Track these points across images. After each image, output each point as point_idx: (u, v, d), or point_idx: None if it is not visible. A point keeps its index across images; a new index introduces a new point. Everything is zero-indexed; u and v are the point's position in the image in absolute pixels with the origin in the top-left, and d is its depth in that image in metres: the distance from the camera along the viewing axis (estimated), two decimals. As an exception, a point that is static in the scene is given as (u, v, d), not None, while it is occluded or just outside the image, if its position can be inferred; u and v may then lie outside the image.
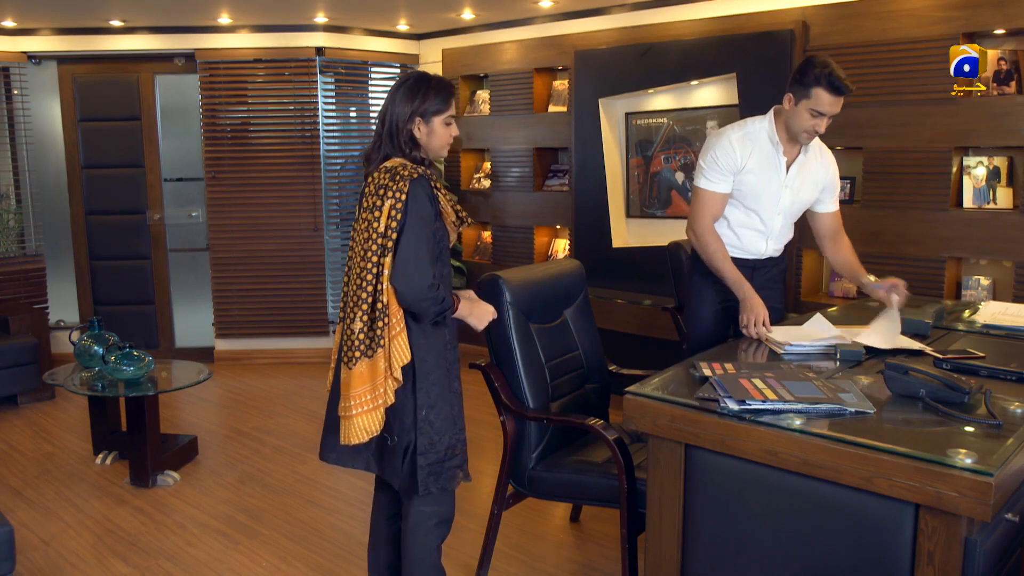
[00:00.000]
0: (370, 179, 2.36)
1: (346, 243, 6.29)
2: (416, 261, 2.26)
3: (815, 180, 3.02)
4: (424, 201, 2.28)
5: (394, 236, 2.26)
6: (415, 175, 2.28)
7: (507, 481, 2.90)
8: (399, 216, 2.25)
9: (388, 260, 2.26)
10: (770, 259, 3.13)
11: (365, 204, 2.34)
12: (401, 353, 2.29)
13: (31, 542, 3.38)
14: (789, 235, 3.15)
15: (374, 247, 2.27)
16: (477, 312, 2.50)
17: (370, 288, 2.27)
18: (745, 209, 3.01)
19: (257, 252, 6.12)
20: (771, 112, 2.95)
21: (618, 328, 4.92)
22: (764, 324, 2.78)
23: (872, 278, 2.96)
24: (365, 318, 2.28)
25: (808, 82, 2.74)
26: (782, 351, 2.57)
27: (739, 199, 3.01)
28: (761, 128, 2.94)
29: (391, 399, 2.31)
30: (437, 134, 2.38)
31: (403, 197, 2.25)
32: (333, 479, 4.02)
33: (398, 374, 2.30)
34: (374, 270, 2.27)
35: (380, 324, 2.27)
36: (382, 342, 2.27)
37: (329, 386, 2.49)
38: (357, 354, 2.27)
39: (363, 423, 2.30)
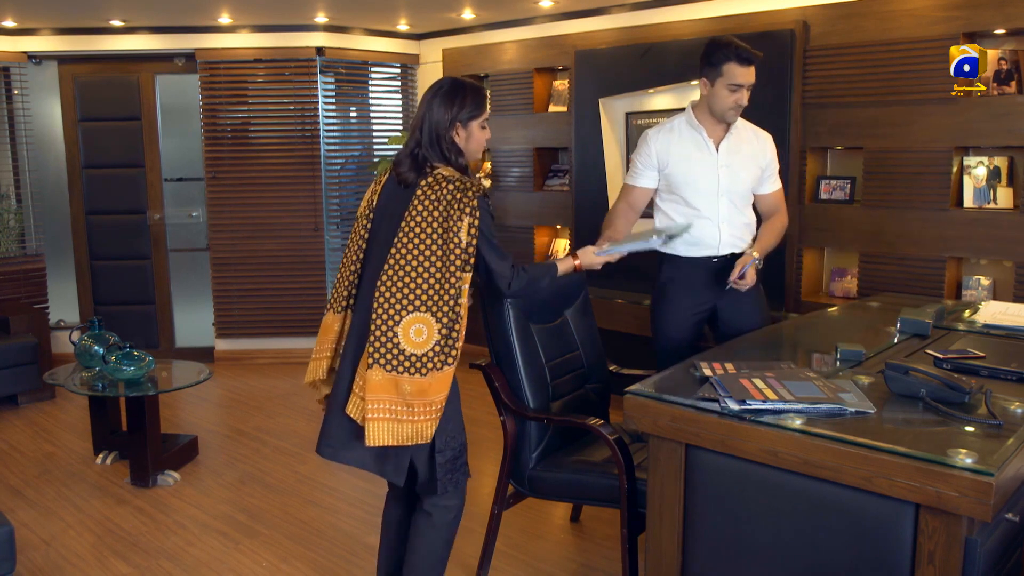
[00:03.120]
0: (424, 185, 2.34)
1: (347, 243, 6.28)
2: (506, 263, 2.42)
3: (753, 161, 3.09)
4: (488, 217, 2.38)
5: (474, 252, 2.33)
6: (481, 192, 2.35)
7: (507, 481, 2.90)
8: (477, 233, 2.32)
9: (468, 276, 2.31)
10: (733, 255, 3.08)
11: (420, 207, 2.31)
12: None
13: (31, 542, 3.38)
14: (748, 227, 3.14)
15: (458, 262, 2.29)
16: (582, 255, 2.63)
17: (452, 303, 2.28)
18: (686, 201, 3.05)
19: (257, 252, 6.12)
20: (688, 106, 3.10)
21: (618, 328, 4.92)
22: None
23: (755, 255, 2.99)
24: (444, 331, 2.28)
25: (717, 61, 2.91)
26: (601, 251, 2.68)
27: (677, 191, 3.06)
28: (680, 121, 3.10)
29: None
30: (475, 138, 2.43)
31: (478, 215, 2.31)
32: (333, 479, 4.02)
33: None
34: (457, 284, 2.29)
35: (455, 336, 2.30)
36: (454, 354, 2.30)
37: (325, 376, 2.50)
38: (430, 365, 2.27)
39: (425, 430, 2.32)
